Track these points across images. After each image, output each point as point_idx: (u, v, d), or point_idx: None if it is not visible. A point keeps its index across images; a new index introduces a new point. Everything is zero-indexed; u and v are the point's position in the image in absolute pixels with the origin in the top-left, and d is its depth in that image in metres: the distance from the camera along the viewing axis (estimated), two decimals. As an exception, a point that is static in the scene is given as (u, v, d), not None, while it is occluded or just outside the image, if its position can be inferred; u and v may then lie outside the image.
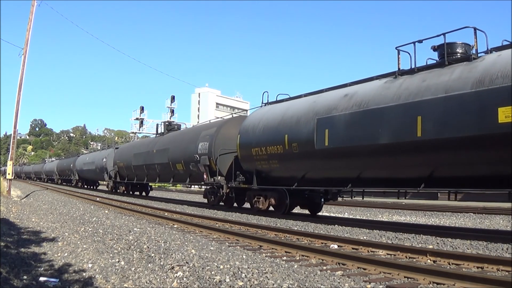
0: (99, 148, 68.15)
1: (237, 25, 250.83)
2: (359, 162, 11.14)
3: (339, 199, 15.80)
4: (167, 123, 25.77)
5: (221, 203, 18.66)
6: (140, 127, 47.82)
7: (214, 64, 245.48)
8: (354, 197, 15.19)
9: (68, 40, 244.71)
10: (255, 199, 15.38)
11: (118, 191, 31.70)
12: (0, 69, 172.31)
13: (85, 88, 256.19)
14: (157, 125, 26.98)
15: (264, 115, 15.26)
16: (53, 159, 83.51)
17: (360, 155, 10.99)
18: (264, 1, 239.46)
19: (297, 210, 16.74)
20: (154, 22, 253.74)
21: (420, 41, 10.61)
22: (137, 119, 48.35)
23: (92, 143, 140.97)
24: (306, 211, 16.43)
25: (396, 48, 11.00)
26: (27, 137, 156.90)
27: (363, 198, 15.67)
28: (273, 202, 14.67)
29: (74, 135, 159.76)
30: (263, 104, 16.45)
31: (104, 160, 34.07)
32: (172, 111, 48.68)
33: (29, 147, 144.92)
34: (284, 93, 15.88)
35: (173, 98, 48.57)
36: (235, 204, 18.28)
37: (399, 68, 11.01)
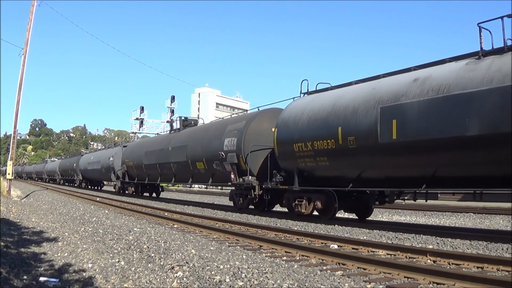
0: (99, 147, 67.87)
1: (237, 25, 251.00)
2: (436, 157, 9.50)
3: (392, 201, 12.87)
4: (183, 118, 23.30)
5: (251, 206, 16.70)
6: (140, 127, 47.92)
7: (214, 64, 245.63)
8: (417, 199, 12.22)
9: (68, 40, 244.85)
10: (296, 202, 13.33)
11: (127, 192, 29.60)
12: (0, 69, 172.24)
13: (85, 88, 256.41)
14: (172, 120, 25.84)
15: (308, 105, 13.14)
16: (54, 158, 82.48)
17: (438, 149, 9.31)
18: (264, 1, 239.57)
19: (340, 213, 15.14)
20: (154, 22, 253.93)
21: (510, 16, 8.98)
22: (137, 119, 48.44)
23: (92, 143, 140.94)
24: (347, 215, 15.09)
25: (478, 24, 9.48)
26: (27, 137, 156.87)
27: (426, 201, 12.87)
28: (319, 206, 12.62)
29: (74, 135, 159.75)
30: (302, 94, 14.41)
31: (111, 159, 31.91)
32: (172, 111, 48.77)
33: (29, 147, 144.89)
34: (325, 82, 14.06)
35: (173, 98, 48.69)
36: (262, 208, 16.36)
37: (481, 48, 9.43)
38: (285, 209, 15.14)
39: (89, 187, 44.18)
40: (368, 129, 10.65)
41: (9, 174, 23.32)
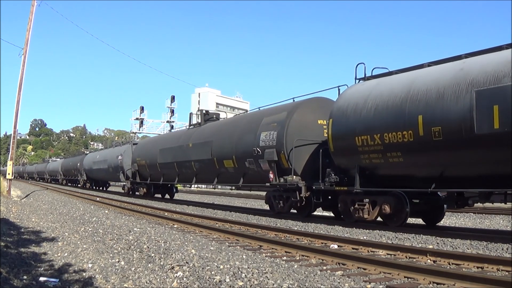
0: (99, 147, 67.38)
1: (237, 25, 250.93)
2: None
3: (473, 204, 11.19)
4: (204, 112, 21.27)
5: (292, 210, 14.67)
6: (140, 127, 47.96)
7: (214, 64, 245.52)
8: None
9: (68, 40, 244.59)
10: (356, 206, 11.35)
11: (137, 193, 27.34)
12: (0, 69, 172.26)
13: (85, 88, 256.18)
14: (190, 114, 22.61)
15: (372, 91, 11.20)
16: (54, 158, 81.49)
17: None
18: (264, 1, 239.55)
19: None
20: (154, 22, 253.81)
21: None
22: (137, 119, 48.48)
23: (92, 143, 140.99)
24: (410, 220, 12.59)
25: None
26: (27, 137, 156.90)
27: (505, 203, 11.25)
28: (387, 210, 10.60)
29: (74, 135, 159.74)
30: (357, 80, 12.40)
31: (120, 157, 29.60)
32: (172, 111, 48.90)
33: (29, 147, 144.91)
34: (382, 67, 12.17)
35: (173, 98, 48.79)
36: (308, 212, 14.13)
37: None
38: (328, 213, 14.26)
39: (95, 187, 42.01)
40: (461, 117, 8.90)
41: (9, 174, 23.32)
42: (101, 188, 41.71)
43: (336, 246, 8.32)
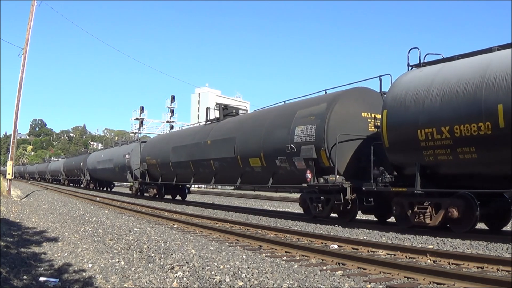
0: (99, 147, 66.95)
1: (237, 25, 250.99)
2: None
3: None
4: (223, 106, 19.34)
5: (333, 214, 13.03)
6: (140, 127, 47.96)
7: (214, 64, 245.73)
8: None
9: (68, 40, 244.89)
10: (415, 209, 9.98)
11: (146, 194, 25.67)
12: (0, 69, 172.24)
13: (85, 88, 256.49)
14: (207, 109, 20.69)
15: (436, 77, 9.90)
16: (55, 158, 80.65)
17: None
18: (264, 1, 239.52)
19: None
20: (154, 22, 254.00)
21: None
22: (137, 119, 48.49)
23: (92, 143, 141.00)
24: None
25: None
26: (27, 137, 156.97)
27: None
28: (454, 214, 9.32)
29: (74, 135, 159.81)
30: (410, 67, 11.01)
31: (127, 156, 27.89)
32: (172, 111, 48.90)
33: (29, 147, 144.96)
34: (436, 53, 11.00)
35: (173, 98, 48.77)
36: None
37: None
38: (370, 217, 13.13)
39: (99, 188, 40.24)
40: None
41: (9, 174, 23.33)
42: (104, 189, 40.31)
43: (336, 246, 8.32)
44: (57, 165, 57.71)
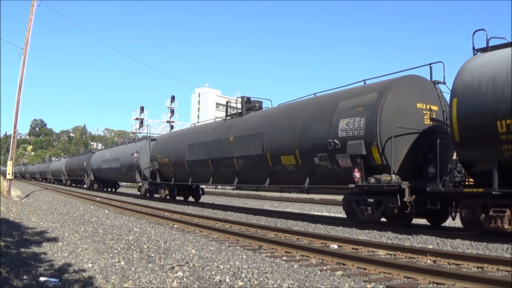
0: (99, 147, 66.63)
1: (237, 25, 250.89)
2: None
3: None
4: (246, 99, 17.54)
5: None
6: (140, 127, 47.96)
7: (214, 64, 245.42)
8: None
9: (68, 40, 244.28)
10: (490, 213, 8.71)
11: (157, 196, 23.94)
12: (0, 69, 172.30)
13: (85, 88, 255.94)
14: (227, 102, 19.37)
15: None
16: (55, 158, 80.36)
17: None
18: (264, 1, 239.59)
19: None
20: (154, 22, 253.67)
21: None
22: (137, 119, 48.47)
23: (92, 143, 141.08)
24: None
25: None
26: (27, 137, 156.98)
27: None
28: None
29: (74, 135, 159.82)
30: (476, 51, 9.79)
31: (135, 155, 26.25)
32: (172, 111, 48.87)
33: (29, 147, 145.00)
34: (500, 37, 9.78)
35: (173, 98, 48.75)
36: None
37: None
38: (421, 221, 11.98)
39: (103, 189, 38.46)
40: None
41: (9, 174, 23.34)
42: (109, 189, 38.66)
43: (336, 246, 8.32)
44: (59, 165, 56.00)
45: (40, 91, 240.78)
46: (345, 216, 15.45)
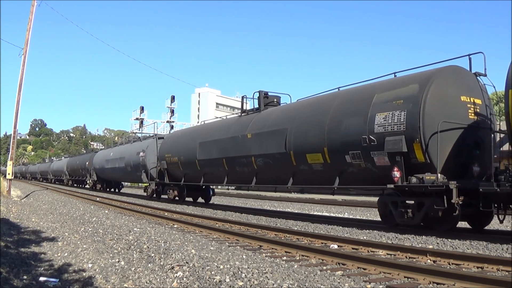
0: (99, 147, 66.31)
1: (237, 25, 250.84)
2: None
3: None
4: (264, 93, 16.57)
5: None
6: (140, 127, 47.96)
7: (214, 64, 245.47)
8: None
9: (68, 40, 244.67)
10: None
11: (164, 196, 22.93)
12: (0, 69, 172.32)
13: (85, 88, 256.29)
14: (243, 97, 17.68)
15: None
16: (54, 158, 79.80)
17: None
18: (264, 1, 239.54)
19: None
20: (154, 22, 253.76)
21: None
22: (137, 119, 48.46)
23: (92, 143, 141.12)
24: None
25: None
26: (27, 137, 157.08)
27: None
28: None
29: (74, 135, 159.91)
30: None
31: (141, 154, 25.22)
32: (172, 111, 48.86)
33: (29, 147, 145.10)
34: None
35: (173, 98, 48.72)
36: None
37: None
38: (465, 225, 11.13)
39: (107, 189, 37.16)
40: None
41: (9, 174, 23.34)
42: (112, 190, 37.43)
43: (336, 246, 8.32)
44: (60, 165, 54.73)
45: (40, 91, 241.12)
46: (344, 216, 15.47)
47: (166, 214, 15.33)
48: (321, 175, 12.47)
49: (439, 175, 9.37)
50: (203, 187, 20.40)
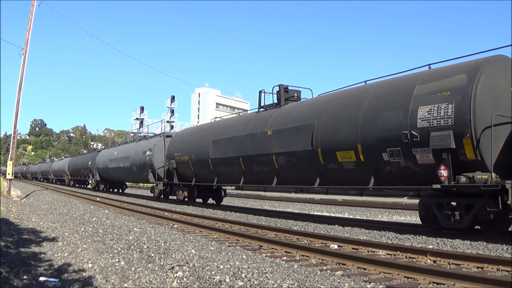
0: (99, 147, 66.09)
1: (237, 25, 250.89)
2: None
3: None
4: (284, 87, 15.57)
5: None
6: (140, 127, 47.99)
7: (214, 64, 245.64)
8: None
9: (68, 40, 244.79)
10: None
11: (172, 197, 22.04)
12: (0, 69, 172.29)
13: (85, 88, 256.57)
14: (260, 92, 16.10)
15: None
16: (54, 158, 79.96)
17: None
18: (264, 1, 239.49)
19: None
20: (154, 22, 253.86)
21: None
22: (137, 119, 48.52)
23: (92, 143, 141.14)
24: None
25: None
26: (27, 137, 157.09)
27: None
28: None
29: (74, 135, 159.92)
30: None
31: (148, 153, 24.15)
32: (172, 111, 48.90)
33: (29, 147, 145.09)
34: None
35: (173, 98, 48.78)
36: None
37: None
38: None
39: (110, 190, 35.90)
40: None
41: (9, 174, 23.34)
42: (118, 191, 36.20)
43: (336, 246, 8.31)
44: (61, 165, 53.45)
45: (40, 91, 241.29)
46: (344, 216, 15.44)
47: (166, 214, 15.33)
48: (353, 174, 11.45)
49: (493, 174, 8.54)
50: (214, 187, 19.30)
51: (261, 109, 16.05)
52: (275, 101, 15.66)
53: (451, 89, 9.31)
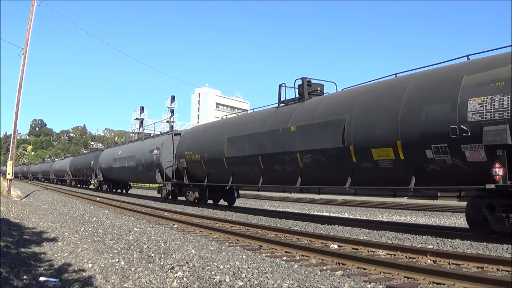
0: (99, 147, 65.82)
1: (237, 25, 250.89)
2: None
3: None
4: (308, 80, 14.46)
5: None
6: (140, 127, 47.95)
7: (214, 64, 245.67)
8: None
9: (68, 40, 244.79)
10: None
11: (181, 198, 21.06)
12: (0, 69, 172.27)
13: (85, 88, 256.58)
14: (280, 86, 14.98)
15: None
16: (53, 158, 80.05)
17: None
18: (264, 1, 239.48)
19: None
20: (154, 22, 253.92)
21: None
22: (137, 119, 48.41)
23: (92, 143, 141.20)
24: None
25: None
26: (27, 137, 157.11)
27: None
28: None
29: (74, 135, 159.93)
30: None
31: (155, 152, 22.99)
32: (172, 111, 48.77)
33: (29, 147, 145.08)
34: None
35: (173, 98, 48.64)
36: None
37: None
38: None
39: (114, 190, 34.61)
40: None
41: (9, 174, 23.34)
42: (119, 191, 35.03)
43: (336, 246, 8.32)
44: (63, 165, 52.19)
45: (40, 91, 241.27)
46: (344, 216, 15.43)
47: (166, 214, 15.33)
48: (390, 173, 10.44)
49: None
50: (227, 188, 17.79)
51: (281, 104, 14.88)
52: (297, 95, 14.58)
53: (505, 79, 8.33)
